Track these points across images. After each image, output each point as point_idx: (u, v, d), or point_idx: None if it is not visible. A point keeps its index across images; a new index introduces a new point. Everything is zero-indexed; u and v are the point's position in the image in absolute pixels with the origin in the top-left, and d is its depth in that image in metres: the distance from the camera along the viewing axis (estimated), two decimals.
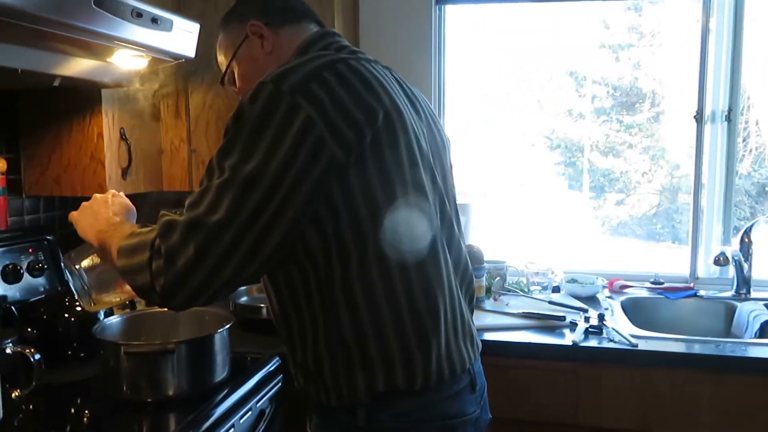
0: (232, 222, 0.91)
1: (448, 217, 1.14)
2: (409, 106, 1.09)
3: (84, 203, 1.22)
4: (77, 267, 1.19)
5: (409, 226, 1.01)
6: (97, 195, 1.22)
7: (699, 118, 2.20)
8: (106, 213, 1.17)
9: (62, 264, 1.24)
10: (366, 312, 1.00)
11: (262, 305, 1.89)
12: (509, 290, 2.19)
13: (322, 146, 0.92)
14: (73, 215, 1.22)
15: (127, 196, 1.83)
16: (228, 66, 1.22)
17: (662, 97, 2.50)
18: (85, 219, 1.18)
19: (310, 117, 0.91)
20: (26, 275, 1.67)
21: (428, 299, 1.03)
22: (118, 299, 1.26)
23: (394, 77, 1.12)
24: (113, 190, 1.26)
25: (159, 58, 1.55)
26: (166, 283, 0.92)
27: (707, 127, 2.21)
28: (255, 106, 0.93)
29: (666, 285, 2.22)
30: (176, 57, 1.56)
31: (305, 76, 0.94)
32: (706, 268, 2.28)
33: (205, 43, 1.70)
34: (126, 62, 1.53)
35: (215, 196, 0.92)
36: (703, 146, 2.22)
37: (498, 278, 2.17)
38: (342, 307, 1.00)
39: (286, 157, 0.90)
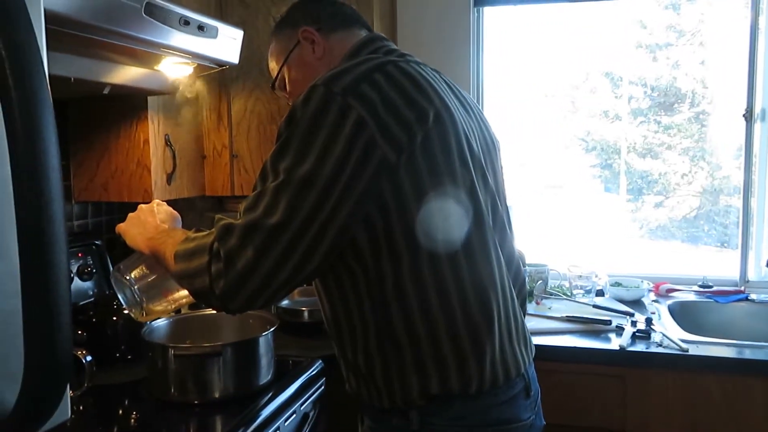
0: (289, 224, 0.91)
1: (500, 218, 1.13)
2: (459, 107, 1.09)
3: (131, 214, 1.23)
4: (128, 278, 1.19)
5: (461, 226, 1.01)
6: (143, 205, 1.24)
7: (749, 116, 2.14)
8: (153, 221, 1.18)
9: (111, 278, 1.25)
10: (418, 313, 0.99)
11: (303, 309, 1.90)
12: (551, 294, 2.16)
13: (374, 147, 0.92)
14: (121, 226, 1.23)
15: (168, 201, 1.88)
16: (279, 71, 1.24)
17: (702, 96, 2.44)
18: (134, 228, 1.19)
19: (361, 117, 0.92)
20: (76, 279, 1.71)
21: (481, 300, 1.02)
22: (163, 308, 1.25)
23: (443, 79, 1.13)
24: (157, 200, 1.27)
25: (204, 65, 1.57)
26: (226, 285, 0.93)
27: (757, 126, 2.15)
28: (307, 108, 0.94)
29: (715, 288, 2.16)
30: (221, 64, 1.59)
31: (356, 78, 0.95)
32: (756, 272, 2.21)
33: (246, 49, 1.72)
34: (172, 70, 1.56)
35: (271, 199, 0.93)
36: (753, 145, 2.15)
37: (540, 281, 2.14)
38: (394, 307, 1.00)
39: (340, 158, 0.91)
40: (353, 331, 1.06)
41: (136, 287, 1.18)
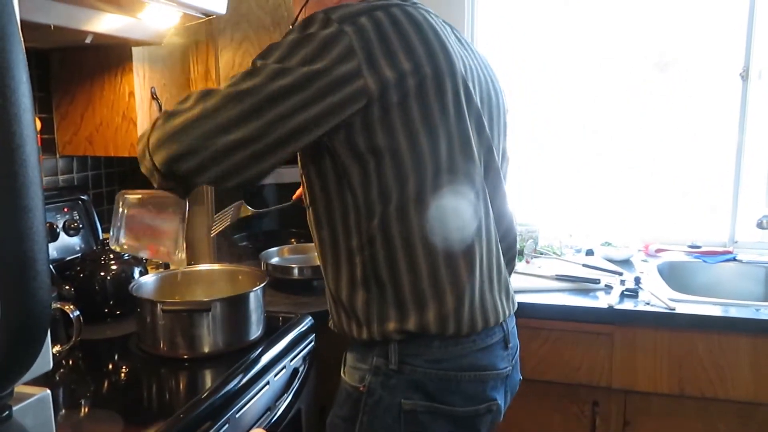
0: (243, 99, 0.91)
1: (494, 170, 1.13)
2: (464, 56, 1.09)
3: None
4: (120, 210, 1.21)
5: (450, 172, 1.02)
6: None
7: (745, 75, 2.11)
8: None
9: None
10: (402, 252, 1.02)
11: (293, 266, 1.90)
12: (542, 253, 2.16)
13: (357, 77, 0.93)
14: None
15: None
16: (298, 14, 1.22)
17: (694, 58, 2.40)
18: None
19: (351, 46, 0.93)
20: (62, 234, 1.69)
21: (464, 245, 1.04)
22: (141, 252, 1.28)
23: (454, 33, 1.13)
24: None
25: (189, 14, 1.52)
26: (158, 137, 0.94)
27: (753, 85, 2.12)
28: (303, 28, 0.95)
29: (704, 249, 2.17)
30: (207, 13, 1.54)
31: (357, 11, 0.96)
32: (746, 233, 2.22)
33: None
34: (157, 19, 1.51)
35: (239, 78, 0.94)
36: (747, 105, 2.13)
37: (530, 240, 2.14)
38: (379, 244, 1.02)
39: (317, 72, 0.91)
40: (340, 264, 1.08)
41: (121, 217, 1.21)
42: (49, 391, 0.61)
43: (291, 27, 1.23)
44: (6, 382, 0.49)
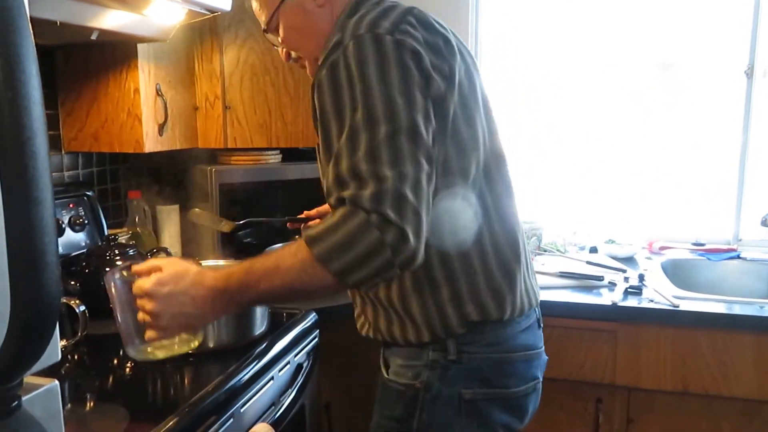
0: (422, 169, 0.92)
1: (502, 158, 1.19)
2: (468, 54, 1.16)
3: (152, 307, 0.97)
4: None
5: (491, 162, 1.09)
6: (150, 281, 0.99)
7: (750, 72, 2.11)
8: (204, 277, 0.98)
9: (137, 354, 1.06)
10: (454, 250, 1.04)
11: None
12: (545, 250, 2.16)
13: (431, 77, 0.97)
14: (166, 324, 0.98)
15: (160, 153, 1.83)
16: (273, 14, 1.14)
17: (699, 56, 2.39)
18: (188, 304, 0.97)
19: (416, 48, 0.96)
20: (68, 230, 1.70)
21: (509, 234, 1.10)
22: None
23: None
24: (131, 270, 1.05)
25: (194, 10, 1.52)
26: (413, 246, 0.89)
27: (758, 83, 2.11)
28: (364, 54, 0.93)
29: (708, 246, 2.17)
30: (212, 10, 1.54)
31: (394, 20, 0.98)
32: (750, 231, 2.21)
33: None
34: (162, 15, 1.51)
35: (391, 150, 0.90)
36: (752, 103, 2.13)
37: (534, 238, 2.14)
38: (431, 247, 1.01)
39: (419, 87, 0.94)
40: None
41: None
42: (57, 382, 0.62)
43: (265, 34, 1.19)
44: (15, 372, 0.50)
